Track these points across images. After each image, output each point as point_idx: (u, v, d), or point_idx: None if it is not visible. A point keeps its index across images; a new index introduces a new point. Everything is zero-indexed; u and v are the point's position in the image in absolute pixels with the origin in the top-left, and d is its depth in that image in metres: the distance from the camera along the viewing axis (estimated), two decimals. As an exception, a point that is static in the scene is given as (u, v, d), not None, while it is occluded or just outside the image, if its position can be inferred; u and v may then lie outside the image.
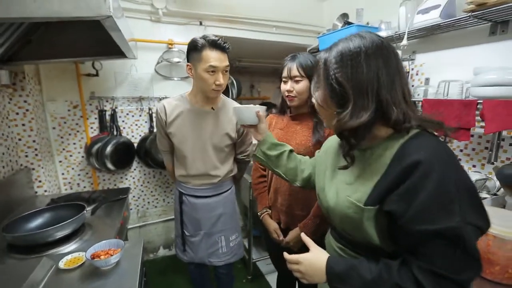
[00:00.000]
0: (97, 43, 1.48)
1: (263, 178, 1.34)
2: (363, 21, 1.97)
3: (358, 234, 0.63)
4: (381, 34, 1.44)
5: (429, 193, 0.50)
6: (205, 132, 1.27)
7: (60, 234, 1.07)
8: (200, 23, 2.08)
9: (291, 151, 0.94)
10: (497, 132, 1.23)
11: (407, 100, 0.58)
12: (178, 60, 1.99)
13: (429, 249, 0.51)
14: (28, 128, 1.56)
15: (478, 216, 0.51)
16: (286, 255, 0.70)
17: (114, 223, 1.30)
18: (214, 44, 1.12)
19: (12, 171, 1.48)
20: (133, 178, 2.14)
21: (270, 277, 2.08)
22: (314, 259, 0.65)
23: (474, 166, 1.42)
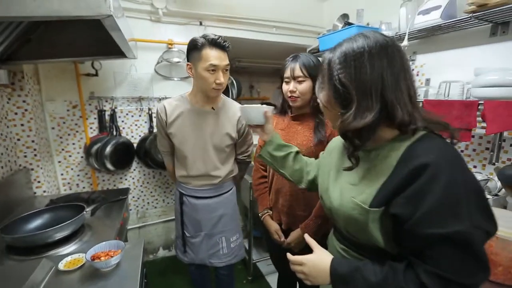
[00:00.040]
0: (97, 43, 1.47)
1: (264, 179, 1.34)
2: (363, 22, 1.97)
3: (363, 236, 0.62)
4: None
5: (437, 196, 0.49)
6: (206, 132, 1.26)
7: (60, 235, 1.06)
8: (200, 23, 2.08)
9: (297, 153, 0.93)
10: (499, 133, 1.23)
11: (413, 101, 0.57)
12: (178, 60, 1.98)
13: (437, 253, 0.50)
14: (27, 128, 1.54)
15: (486, 220, 0.51)
16: (290, 256, 0.69)
17: (114, 224, 1.29)
18: (214, 43, 1.12)
19: (11, 172, 1.46)
20: (133, 179, 2.13)
21: (271, 278, 2.07)
22: (318, 261, 0.64)
23: (475, 167, 1.42)
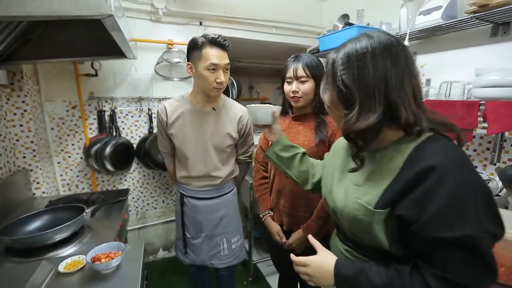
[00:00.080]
0: (97, 43, 1.46)
1: (265, 180, 1.33)
2: (364, 22, 1.97)
3: (367, 237, 0.62)
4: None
5: (444, 199, 0.48)
6: (206, 133, 1.26)
7: (59, 237, 1.05)
8: (200, 23, 2.07)
9: (304, 154, 0.92)
10: (500, 133, 1.23)
11: (418, 102, 0.56)
12: (178, 61, 1.97)
13: (444, 256, 0.50)
14: (26, 129, 1.53)
15: (494, 223, 0.50)
16: (293, 257, 0.69)
17: (114, 225, 1.28)
18: (214, 42, 1.12)
19: (10, 173, 1.45)
20: (132, 180, 2.12)
21: (271, 279, 2.07)
22: (322, 262, 0.64)
23: (476, 167, 1.42)
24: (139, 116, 2.04)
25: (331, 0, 2.43)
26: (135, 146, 2.02)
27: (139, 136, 2.06)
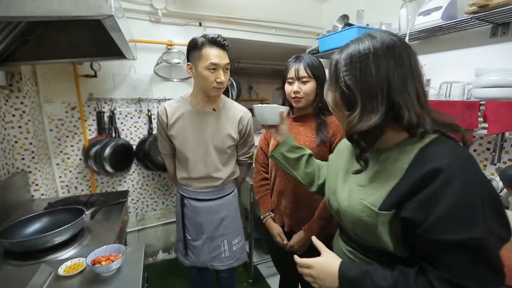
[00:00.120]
0: (96, 44, 1.46)
1: (265, 181, 1.33)
2: (363, 23, 1.97)
3: (371, 239, 0.61)
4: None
5: (451, 202, 0.48)
6: (207, 133, 1.25)
7: (59, 240, 1.04)
8: (200, 24, 2.07)
9: (310, 156, 0.92)
10: (500, 133, 1.23)
11: (421, 102, 0.56)
12: (178, 61, 1.97)
13: (450, 259, 0.49)
14: (25, 130, 1.52)
15: (501, 225, 0.50)
16: (297, 259, 0.69)
17: (114, 227, 1.27)
18: (214, 42, 1.12)
19: (8, 175, 1.44)
20: (132, 181, 2.10)
21: (271, 280, 2.06)
22: (326, 264, 0.64)
23: (477, 167, 1.42)
24: (139, 117, 2.03)
25: (331, 1, 2.43)
26: (135, 148, 2.01)
27: (139, 137, 2.05)
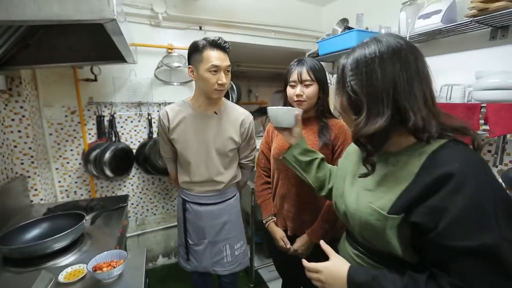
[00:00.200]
0: (97, 48, 1.45)
1: (267, 185, 1.32)
2: (363, 26, 1.98)
3: (379, 243, 0.60)
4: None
5: (462, 207, 0.47)
6: (208, 137, 1.24)
7: (59, 246, 1.03)
8: (200, 28, 2.07)
9: (322, 160, 0.93)
10: (502, 136, 1.23)
11: (429, 105, 0.56)
12: (178, 65, 1.97)
13: (461, 265, 0.48)
14: (24, 135, 1.51)
15: None
16: (306, 263, 0.68)
17: (114, 232, 1.26)
18: (215, 44, 1.13)
19: (7, 180, 1.42)
20: (132, 185, 2.09)
21: (273, 285, 2.04)
22: (335, 268, 0.63)
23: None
24: (139, 121, 2.02)
25: (330, 5, 2.45)
26: (135, 152, 1.99)
27: (139, 141, 2.04)
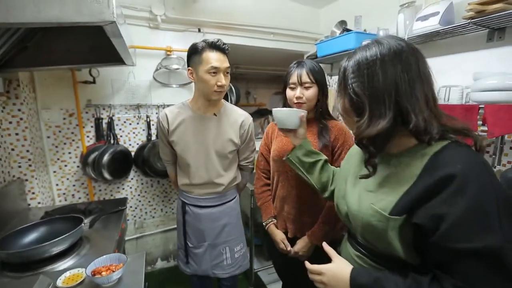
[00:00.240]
0: (95, 50, 1.45)
1: (267, 187, 1.31)
2: (361, 28, 1.99)
3: (381, 244, 0.60)
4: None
5: (465, 208, 0.47)
6: (208, 139, 1.24)
7: (57, 250, 1.01)
8: (199, 30, 2.08)
9: (326, 161, 0.93)
10: (500, 136, 1.24)
11: (430, 107, 0.56)
12: (177, 67, 1.96)
13: (465, 268, 0.48)
14: (22, 138, 1.50)
15: None
16: (308, 265, 0.68)
17: (113, 236, 1.25)
18: (214, 46, 1.13)
19: (4, 183, 1.41)
20: (130, 188, 2.07)
21: (272, 287, 2.03)
22: (337, 270, 0.63)
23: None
24: (137, 124, 2.02)
25: (328, 7, 2.46)
26: (133, 154, 1.98)
27: (137, 144, 2.03)
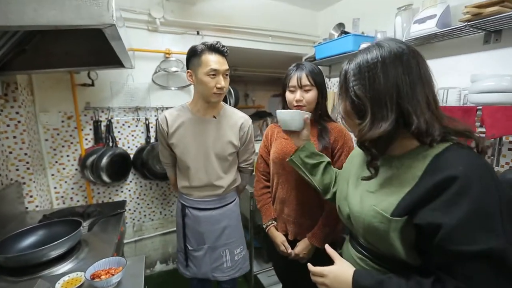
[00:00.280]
0: (94, 53, 1.45)
1: (267, 189, 1.31)
2: (359, 31, 2.01)
3: (382, 246, 0.60)
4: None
5: (467, 210, 0.47)
6: (208, 141, 1.24)
7: (56, 253, 1.00)
8: (197, 33, 2.08)
9: (329, 163, 0.94)
10: (498, 138, 1.25)
11: (432, 109, 0.56)
12: (176, 70, 1.96)
13: (468, 270, 0.48)
14: (20, 141, 1.49)
15: None
16: (311, 267, 0.68)
17: (112, 239, 1.24)
18: (213, 48, 1.14)
19: (2, 186, 1.40)
20: (129, 191, 2.06)
21: (272, 290, 2.02)
22: (340, 272, 0.63)
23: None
24: (136, 126, 2.01)
25: (326, 10, 2.48)
26: (132, 157, 1.98)
27: (136, 146, 2.02)
